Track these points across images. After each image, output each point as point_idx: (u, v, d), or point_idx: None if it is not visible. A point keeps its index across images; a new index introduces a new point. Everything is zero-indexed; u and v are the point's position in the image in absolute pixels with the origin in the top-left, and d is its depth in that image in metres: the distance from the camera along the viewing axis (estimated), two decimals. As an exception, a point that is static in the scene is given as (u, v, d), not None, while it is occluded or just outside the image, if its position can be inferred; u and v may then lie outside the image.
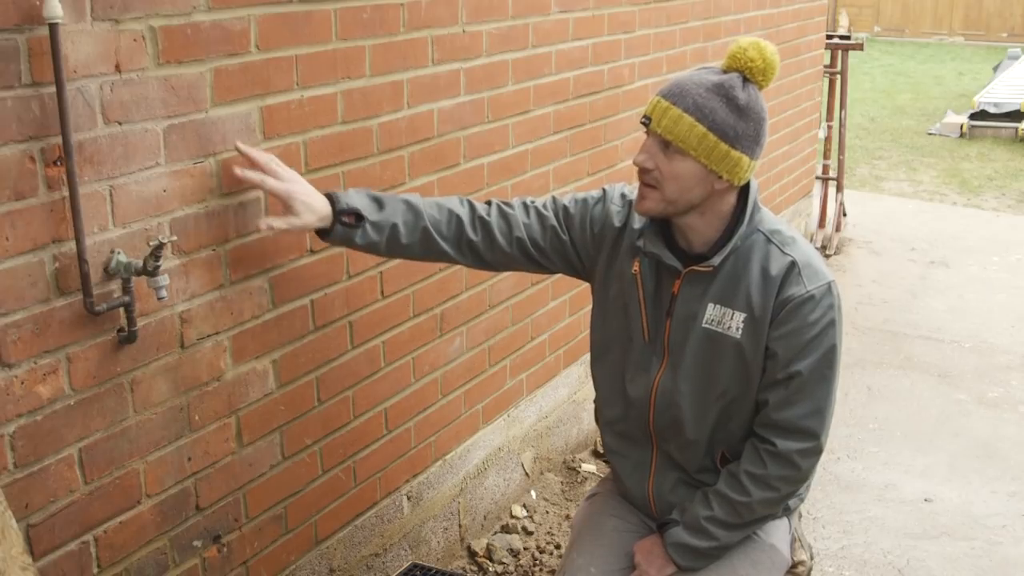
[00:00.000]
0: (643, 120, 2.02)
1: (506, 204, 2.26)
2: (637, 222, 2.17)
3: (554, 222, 2.24)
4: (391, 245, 2.17)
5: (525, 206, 2.26)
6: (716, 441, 2.16)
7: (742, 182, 2.03)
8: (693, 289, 2.09)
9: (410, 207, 2.18)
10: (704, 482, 2.19)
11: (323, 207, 2.09)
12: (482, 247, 2.23)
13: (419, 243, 2.19)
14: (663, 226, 2.12)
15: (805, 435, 2.06)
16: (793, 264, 2.04)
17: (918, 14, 20.69)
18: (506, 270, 2.37)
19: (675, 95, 1.98)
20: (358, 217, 2.11)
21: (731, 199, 2.06)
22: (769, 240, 2.07)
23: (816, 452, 2.09)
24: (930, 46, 19.23)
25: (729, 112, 1.95)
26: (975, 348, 5.11)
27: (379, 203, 2.16)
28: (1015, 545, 3.45)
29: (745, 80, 1.99)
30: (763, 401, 2.09)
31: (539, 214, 2.25)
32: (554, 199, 2.28)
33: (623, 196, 2.24)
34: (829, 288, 2.05)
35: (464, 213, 2.22)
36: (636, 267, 2.13)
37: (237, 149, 2.10)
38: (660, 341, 2.14)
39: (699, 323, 2.09)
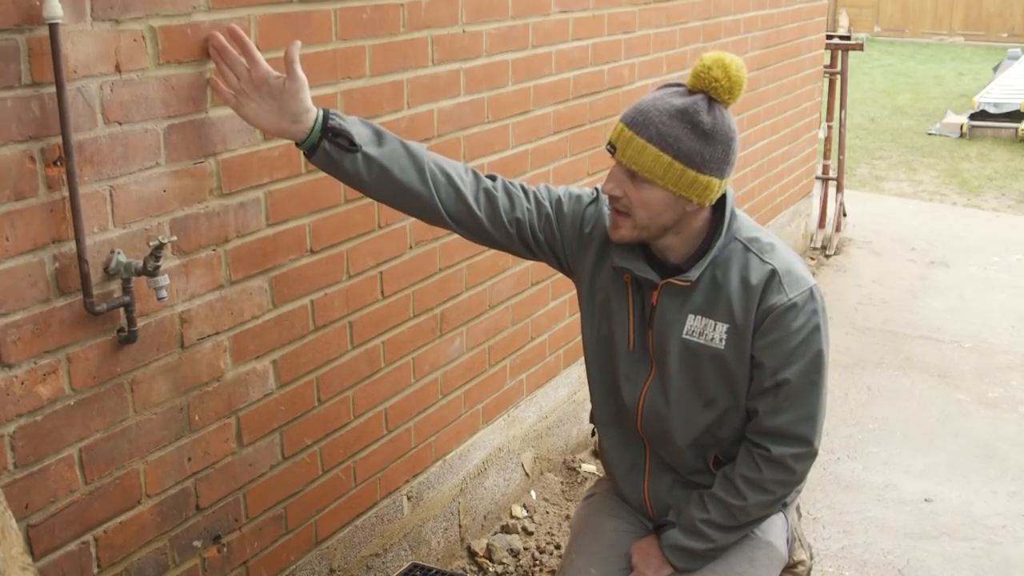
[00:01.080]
0: (608, 148, 1.99)
1: (510, 183, 2.18)
2: None
3: (549, 211, 2.18)
4: (378, 187, 2.03)
5: (525, 189, 2.20)
6: (707, 446, 2.15)
7: (713, 202, 2.00)
8: (672, 301, 2.07)
9: (412, 157, 2.04)
10: (698, 483, 2.19)
11: (313, 108, 1.96)
12: (485, 220, 2.12)
13: (413, 200, 2.06)
14: None
15: (798, 440, 2.05)
16: (773, 273, 2.02)
17: (918, 14, 20.70)
18: (491, 246, 2.24)
19: (638, 124, 1.92)
20: (350, 143, 1.96)
21: (705, 215, 2.04)
22: (747, 248, 2.04)
23: (810, 456, 2.09)
24: (930, 46, 19.23)
25: (695, 138, 1.90)
26: (975, 348, 5.11)
27: (379, 137, 2.01)
28: (1015, 545, 3.45)
29: (711, 101, 1.93)
30: (753, 409, 2.08)
31: (537, 201, 2.19)
32: (548, 188, 2.22)
33: None
34: (811, 293, 2.03)
35: (468, 183, 2.11)
36: (628, 275, 2.11)
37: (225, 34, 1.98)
38: (646, 351, 2.13)
39: (679, 335, 2.07)
